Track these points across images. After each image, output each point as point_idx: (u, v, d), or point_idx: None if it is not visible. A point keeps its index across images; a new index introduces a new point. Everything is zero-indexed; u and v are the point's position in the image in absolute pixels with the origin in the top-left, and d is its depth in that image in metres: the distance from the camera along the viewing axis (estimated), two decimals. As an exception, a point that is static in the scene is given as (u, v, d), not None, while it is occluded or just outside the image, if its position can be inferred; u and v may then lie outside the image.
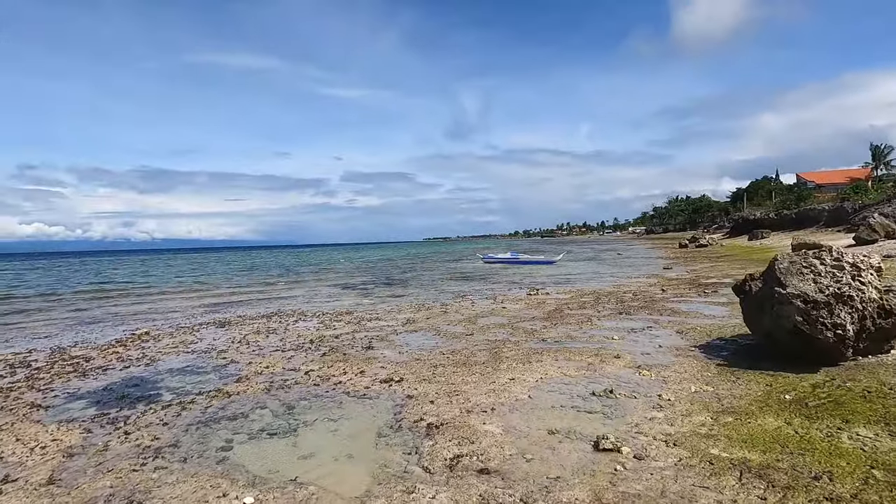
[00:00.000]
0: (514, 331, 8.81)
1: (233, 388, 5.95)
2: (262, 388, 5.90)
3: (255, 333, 9.67)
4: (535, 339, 7.97)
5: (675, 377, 5.58)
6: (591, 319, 9.57)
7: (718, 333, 7.71)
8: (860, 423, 3.88)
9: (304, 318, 11.52)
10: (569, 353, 6.90)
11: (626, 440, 3.96)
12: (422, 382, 5.84)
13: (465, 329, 9.21)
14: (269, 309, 13.80)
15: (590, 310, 10.87)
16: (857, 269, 5.42)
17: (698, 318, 9.27)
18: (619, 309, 10.72)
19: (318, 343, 8.48)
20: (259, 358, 7.53)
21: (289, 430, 4.62)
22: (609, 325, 9.00)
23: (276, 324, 10.84)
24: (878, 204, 37.33)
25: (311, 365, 6.94)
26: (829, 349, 5.14)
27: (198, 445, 4.33)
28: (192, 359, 7.69)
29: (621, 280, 18.24)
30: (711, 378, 5.43)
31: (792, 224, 46.12)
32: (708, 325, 8.47)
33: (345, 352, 7.70)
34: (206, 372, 6.87)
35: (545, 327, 9.00)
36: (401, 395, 5.46)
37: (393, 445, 4.15)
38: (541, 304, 12.22)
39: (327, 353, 7.68)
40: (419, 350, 7.60)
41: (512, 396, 5.19)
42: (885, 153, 70.80)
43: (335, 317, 11.60)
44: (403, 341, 8.33)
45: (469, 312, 11.41)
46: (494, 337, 8.33)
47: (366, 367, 6.67)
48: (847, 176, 71.02)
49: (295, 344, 8.48)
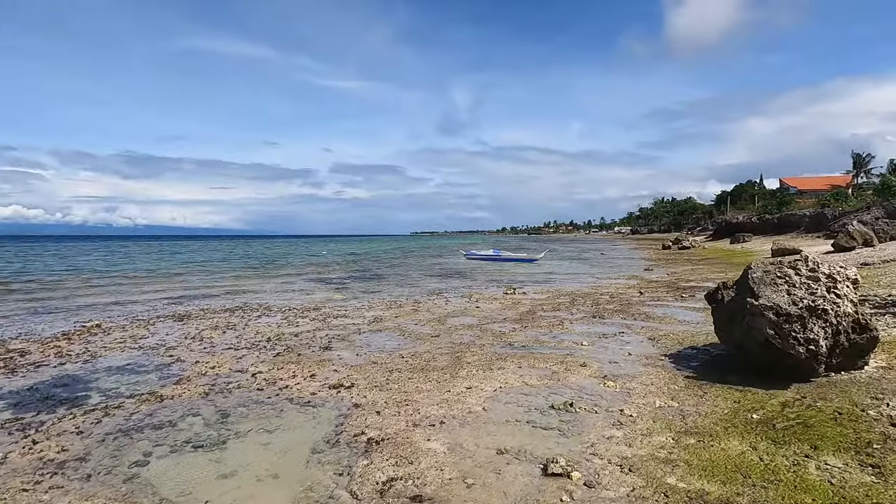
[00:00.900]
0: (482, 333, 8.47)
1: (168, 391, 5.51)
2: (200, 392, 5.47)
3: (213, 329, 9.19)
4: (501, 343, 7.63)
5: (640, 390, 5.28)
6: (564, 323, 9.27)
7: (691, 341, 7.45)
8: (829, 449, 3.59)
9: (269, 314, 11.06)
10: (534, 360, 6.56)
11: (578, 463, 3.62)
12: (373, 389, 5.46)
13: (431, 330, 8.84)
14: (235, 302, 13.29)
15: (564, 312, 10.58)
16: (832, 281, 5.16)
17: (672, 323, 9.02)
18: (594, 312, 10.44)
19: (274, 341, 8.04)
20: (208, 357, 7.08)
21: (217, 442, 4.21)
22: (581, 329, 8.70)
23: (238, 319, 10.37)
24: (857, 211, 37.79)
25: (260, 366, 6.51)
26: (801, 365, 4.87)
27: (109, 460, 3.90)
28: (135, 356, 7.21)
29: (601, 281, 18.03)
30: (678, 392, 5.13)
31: (773, 228, 46.58)
32: (681, 331, 8.22)
33: (300, 352, 7.28)
34: (147, 371, 6.41)
35: (514, 330, 8.67)
36: (347, 403, 5.07)
37: (325, 464, 3.77)
38: (515, 305, 11.91)
39: (282, 352, 7.26)
40: (378, 352, 7.21)
41: (465, 408, 4.83)
42: (865, 161, 71.98)
43: (301, 313, 11.15)
44: (365, 342, 7.94)
45: (440, 311, 11.04)
46: (460, 339, 7.98)
47: (318, 370, 6.27)
48: (828, 183, 72.14)
49: (250, 342, 8.04)
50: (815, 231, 39.68)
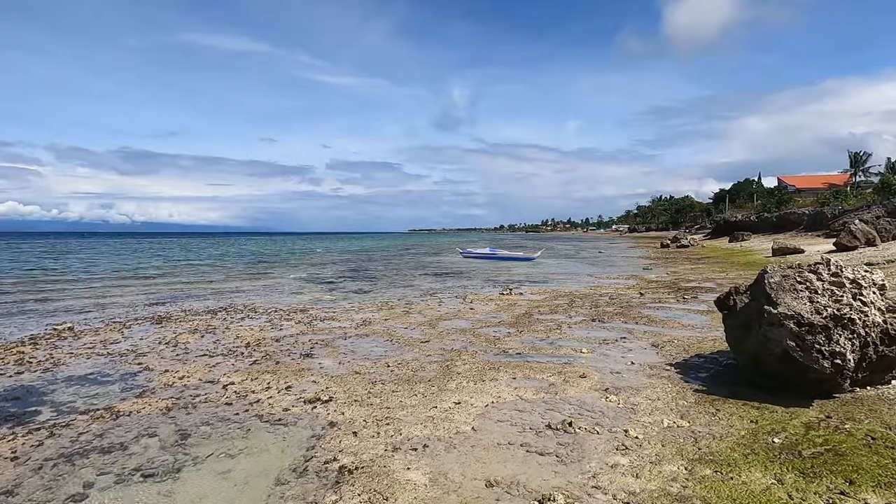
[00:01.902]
0: (476, 338, 7.98)
1: (127, 406, 5.01)
2: (162, 407, 4.97)
3: (191, 333, 8.68)
4: (495, 350, 7.15)
5: (645, 405, 4.81)
6: (562, 327, 8.79)
7: (697, 349, 6.98)
8: (868, 484, 3.12)
9: (253, 316, 10.55)
10: (530, 370, 6.08)
11: (578, 499, 3.15)
12: (352, 404, 4.97)
13: (422, 334, 8.36)
14: (221, 303, 12.77)
15: (561, 315, 10.10)
16: (857, 287, 4.69)
17: (676, 328, 8.55)
18: (593, 315, 9.96)
19: (254, 347, 7.54)
20: (179, 365, 6.58)
21: (170, 470, 3.72)
22: (580, 334, 8.22)
23: (220, 321, 9.85)
24: (857, 210, 37.38)
25: (233, 376, 6.02)
26: (825, 380, 4.41)
27: (42, 493, 3.40)
28: (101, 364, 6.70)
29: (600, 281, 17.56)
30: (688, 409, 4.66)
31: (772, 227, 46.18)
32: (686, 337, 7.75)
33: (279, 359, 6.78)
34: (110, 381, 5.90)
35: (510, 335, 8.19)
36: (322, 421, 4.58)
37: (288, 499, 3.28)
38: (511, 307, 11.43)
39: (259, 360, 6.76)
40: (363, 360, 6.72)
41: (453, 428, 4.35)
42: (863, 160, 71.74)
43: (287, 314, 10.65)
44: (350, 348, 7.44)
45: (433, 314, 10.56)
46: (452, 345, 7.49)
47: (295, 381, 5.78)
48: (826, 181, 71.79)
49: (228, 347, 7.54)
50: (815, 230, 39.31)
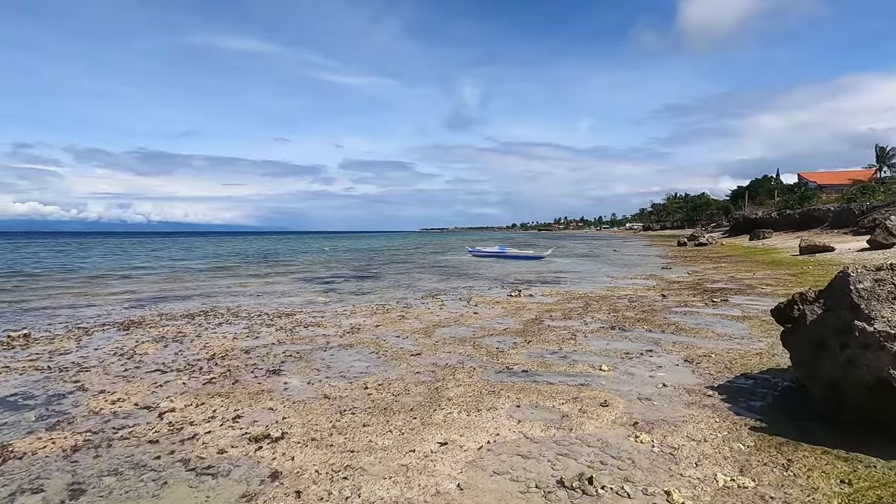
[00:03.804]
0: (476, 350, 6.87)
1: (26, 444, 3.98)
2: (69, 446, 3.93)
3: (154, 342, 7.69)
4: (497, 367, 6.02)
5: (689, 450, 3.65)
6: (576, 336, 7.63)
7: (742, 366, 5.78)
8: None
9: (233, 321, 9.54)
10: (538, 394, 4.95)
11: None
12: (307, 445, 3.88)
13: (414, 345, 7.26)
14: (205, 305, 11.81)
15: (576, 321, 8.93)
16: (978, 295, 3.48)
17: (710, 338, 7.34)
18: (612, 321, 8.78)
19: (217, 360, 6.51)
20: (121, 384, 5.56)
21: (32, 550, 2.67)
22: (597, 344, 7.06)
23: (193, 327, 8.86)
24: (888, 206, 35.48)
25: (177, 400, 4.97)
26: (941, 423, 3.22)
27: None
28: (32, 381, 5.70)
29: (617, 281, 16.32)
30: (747, 457, 3.50)
31: (795, 224, 44.23)
32: (724, 350, 6.55)
33: (239, 377, 5.73)
34: (28, 407, 4.89)
35: (515, 346, 7.06)
36: (264, 470, 3.50)
37: None
38: (519, 311, 10.28)
39: (217, 378, 5.71)
40: (338, 379, 5.64)
41: (432, 485, 3.24)
42: (889, 155, 69.12)
43: (270, 319, 9.63)
44: (327, 362, 6.37)
45: (431, 319, 9.45)
46: (447, 360, 6.38)
47: (248, 408, 4.71)
48: (849, 177, 69.21)
49: (188, 361, 6.51)
50: (841, 227, 37.41)
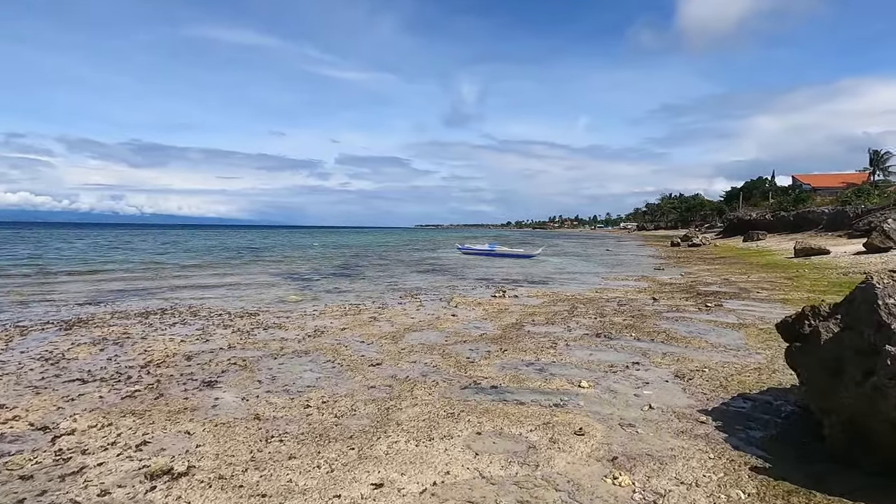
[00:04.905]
0: (444, 359, 6.16)
1: None
2: (-81, 483, 3.20)
3: (92, 345, 6.93)
4: (463, 381, 5.32)
5: (677, 497, 2.98)
6: (557, 344, 6.95)
7: (738, 384, 5.12)
8: None
9: (189, 321, 8.79)
10: (504, 417, 4.26)
11: None
12: (213, 484, 3.17)
13: (377, 352, 6.55)
14: (167, 302, 11.04)
15: (559, 326, 8.25)
16: None
17: (704, 348, 6.68)
18: (598, 327, 8.10)
19: (153, 367, 5.78)
20: (28, 396, 4.81)
21: None
22: (579, 355, 6.38)
23: (142, 328, 8.10)
24: (882, 209, 35.09)
25: (82, 419, 4.24)
26: None
27: None
28: (-74, 392, 4.95)
29: (607, 282, 15.67)
30: (749, 511, 2.83)
31: (789, 226, 43.87)
32: (719, 364, 5.89)
33: (166, 390, 5.00)
34: None
35: (488, 355, 6.36)
36: (146, 522, 2.80)
37: None
38: (500, 313, 9.59)
39: (141, 390, 4.98)
40: (279, 394, 4.92)
41: (349, 548, 2.54)
42: (884, 159, 69.00)
43: (231, 319, 8.89)
44: (272, 373, 5.64)
45: (403, 322, 8.74)
46: (408, 371, 5.67)
47: (161, 431, 3.99)
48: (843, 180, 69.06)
49: (119, 368, 5.77)
50: (835, 230, 37.02)
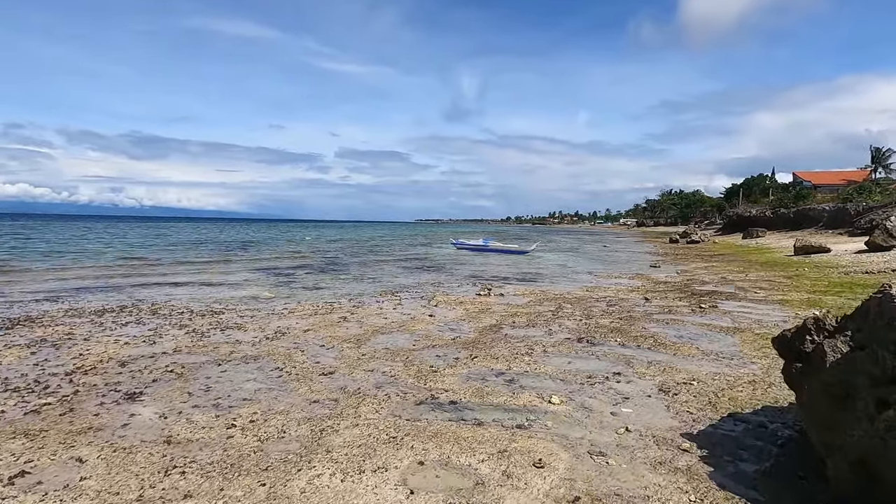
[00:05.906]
0: (406, 368, 5.57)
1: None
2: None
3: (25, 347, 6.33)
4: (419, 394, 4.72)
5: (647, 559, 2.39)
6: (534, 350, 6.35)
7: (729, 399, 4.53)
8: None
9: (145, 320, 8.19)
10: (455, 442, 3.67)
11: None
12: (76, 536, 2.59)
13: (335, 358, 5.95)
14: (130, 299, 10.44)
15: (540, 329, 7.66)
16: None
17: (694, 357, 6.09)
18: (582, 330, 7.52)
19: (80, 375, 5.18)
20: (-81, 410, 4.23)
21: None
22: (555, 364, 5.78)
23: (90, 327, 7.51)
24: (885, 206, 34.48)
25: (-35, 441, 3.65)
26: None
27: None
28: None
29: (599, 280, 15.08)
30: (735, 582, 2.24)
31: (789, 224, 43.27)
32: (709, 375, 5.30)
33: (80, 403, 4.40)
34: None
35: (456, 363, 5.77)
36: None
37: None
38: (481, 314, 9.00)
39: (51, 404, 4.38)
40: (207, 408, 4.32)
41: None
42: (885, 156, 68.29)
43: (190, 318, 8.29)
44: (212, 381, 5.05)
45: (374, 322, 8.15)
46: (361, 382, 5.07)
47: (49, 457, 3.39)
48: (844, 177, 68.39)
49: (41, 376, 5.17)
50: (835, 227, 36.45)
